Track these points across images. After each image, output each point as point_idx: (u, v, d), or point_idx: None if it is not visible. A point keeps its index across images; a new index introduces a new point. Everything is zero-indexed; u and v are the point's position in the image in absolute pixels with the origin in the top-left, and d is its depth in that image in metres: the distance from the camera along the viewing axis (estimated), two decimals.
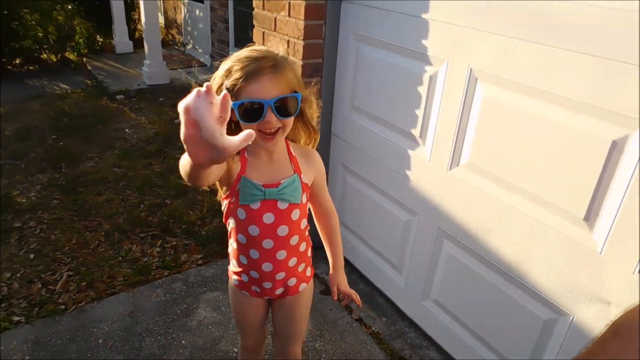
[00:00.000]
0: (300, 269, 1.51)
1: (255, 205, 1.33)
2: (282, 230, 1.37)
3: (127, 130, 4.78)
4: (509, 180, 1.71)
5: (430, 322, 2.26)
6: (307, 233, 1.48)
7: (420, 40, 1.95)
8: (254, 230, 1.36)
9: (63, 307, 2.48)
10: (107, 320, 2.40)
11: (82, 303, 2.51)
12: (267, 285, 1.48)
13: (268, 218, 1.35)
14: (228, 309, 2.47)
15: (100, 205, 3.40)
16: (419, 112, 2.03)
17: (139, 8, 7.87)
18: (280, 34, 2.51)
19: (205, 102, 0.74)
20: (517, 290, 1.78)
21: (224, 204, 1.39)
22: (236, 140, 0.77)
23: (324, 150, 2.68)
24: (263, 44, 2.70)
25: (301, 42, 2.37)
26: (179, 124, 0.78)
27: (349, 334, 2.34)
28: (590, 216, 1.50)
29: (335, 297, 1.61)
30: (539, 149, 1.59)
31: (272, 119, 1.19)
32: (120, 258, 2.86)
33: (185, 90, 0.82)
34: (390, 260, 2.43)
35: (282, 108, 1.19)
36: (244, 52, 1.22)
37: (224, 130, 0.76)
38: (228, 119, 0.77)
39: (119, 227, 3.15)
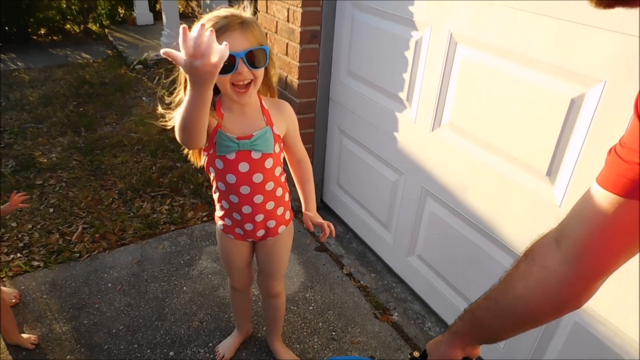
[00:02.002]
0: (279, 212, 1.66)
1: (231, 156, 1.48)
2: (257, 178, 1.52)
3: (144, 98, 4.97)
4: (483, 138, 1.82)
5: (415, 277, 2.40)
6: (283, 180, 1.62)
7: (407, 7, 2.04)
8: (231, 178, 1.51)
9: (78, 255, 2.69)
10: (116, 267, 2.60)
11: (95, 252, 2.72)
12: (249, 227, 1.64)
13: (243, 167, 1.50)
14: None
15: (116, 167, 3.61)
16: (406, 76, 2.13)
17: None
18: (282, 2, 2.62)
19: (199, 34, 0.99)
20: (489, 243, 1.90)
21: (204, 157, 1.55)
22: (220, 49, 1.01)
23: (323, 115, 2.81)
24: (266, 12, 2.82)
25: (300, 10, 2.47)
26: None
27: (338, 286, 2.50)
28: (551, 171, 1.60)
29: (312, 229, 1.74)
30: (509, 108, 1.68)
31: (243, 70, 1.32)
32: (131, 214, 3.06)
33: None
34: (380, 219, 2.56)
35: (252, 60, 1.32)
36: (214, 12, 1.35)
37: (216, 54, 1.02)
38: (214, 41, 1.00)
39: (132, 186, 3.35)
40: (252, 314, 2.19)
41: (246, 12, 1.39)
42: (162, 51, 1.00)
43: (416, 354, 1.06)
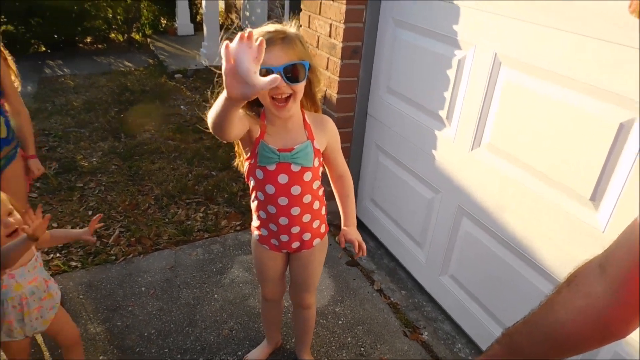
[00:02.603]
0: (314, 225, 1.67)
1: (271, 167, 1.51)
2: (295, 190, 1.54)
3: (182, 107, 5.08)
4: (523, 160, 1.79)
5: (447, 297, 2.36)
6: (320, 193, 1.64)
7: (451, 26, 2.04)
8: (270, 188, 1.54)
9: (114, 257, 2.76)
10: (150, 272, 2.65)
11: (130, 256, 2.78)
12: (284, 238, 1.66)
13: (282, 178, 1.52)
14: None
15: (153, 173, 3.69)
16: (447, 95, 2.13)
17: None
18: (324, 18, 2.66)
19: (246, 44, 0.94)
20: (525, 265, 1.87)
21: (246, 165, 1.58)
22: (264, 80, 0.96)
23: (360, 130, 2.82)
24: (308, 27, 2.86)
25: (342, 25, 2.51)
26: None
27: (368, 302, 2.48)
28: (596, 196, 1.56)
29: (343, 245, 1.70)
30: (552, 131, 1.66)
31: (281, 84, 1.33)
32: (167, 220, 3.12)
33: None
34: (414, 237, 2.54)
35: (290, 74, 1.34)
36: (262, 27, 1.38)
37: (257, 70, 0.96)
38: (262, 59, 0.96)
39: (168, 192, 3.42)
40: (281, 325, 2.19)
41: (292, 28, 1.41)
42: (221, 49, 0.97)
43: None
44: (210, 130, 1.28)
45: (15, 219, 1.46)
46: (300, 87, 1.40)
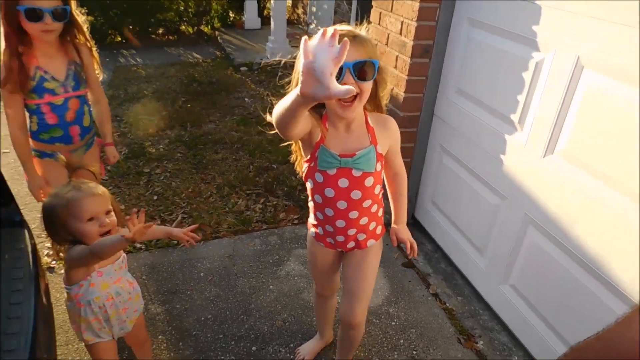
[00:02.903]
0: (371, 227, 1.64)
1: (332, 171, 1.48)
2: (356, 195, 1.51)
3: (246, 99, 5.18)
4: (601, 170, 1.70)
5: (506, 307, 2.28)
6: (380, 196, 1.60)
7: (531, 26, 1.96)
8: (329, 192, 1.52)
9: (175, 242, 2.85)
10: (209, 259, 2.72)
11: None
12: (340, 238, 1.64)
13: (343, 183, 1.49)
14: None
15: (216, 162, 3.79)
16: (521, 98, 2.04)
17: None
18: (396, 15, 2.62)
19: (328, 43, 0.92)
20: (596, 282, 1.77)
21: (304, 167, 1.55)
22: (340, 88, 0.94)
23: (424, 131, 2.76)
24: (378, 24, 2.84)
25: (414, 23, 2.46)
26: None
27: (423, 305, 2.44)
28: None
29: (395, 244, 1.69)
30: (638, 141, 1.56)
31: (349, 80, 1.29)
32: (227, 209, 3.20)
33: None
34: (474, 242, 2.47)
35: (359, 71, 1.30)
36: (329, 28, 1.35)
37: (335, 72, 0.94)
38: (341, 62, 0.93)
39: (230, 182, 3.49)
40: (334, 322, 2.19)
41: (362, 30, 1.38)
42: (303, 38, 0.95)
43: None
44: (274, 126, 1.25)
45: (111, 220, 1.48)
46: (368, 86, 1.36)
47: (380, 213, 1.67)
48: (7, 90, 1.85)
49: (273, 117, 1.22)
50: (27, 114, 2.00)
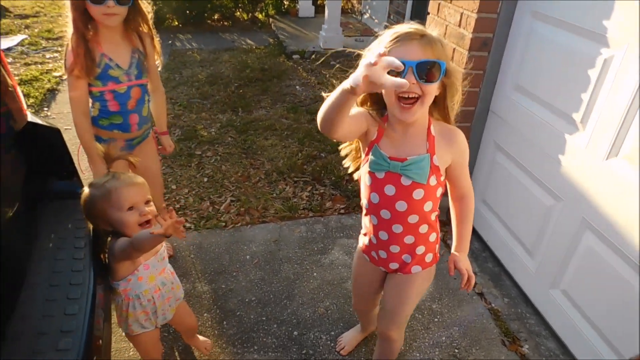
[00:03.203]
0: (418, 251, 1.53)
1: (380, 175, 1.41)
2: (401, 206, 1.41)
3: (297, 87, 5.21)
4: None
5: (555, 313, 2.21)
6: (433, 218, 1.49)
7: (601, 21, 1.87)
8: (374, 197, 1.45)
9: (223, 224, 2.92)
10: (255, 242, 2.77)
11: (238, 224, 2.93)
12: (383, 254, 1.56)
13: (389, 190, 1.41)
14: None
15: (265, 148, 3.84)
16: (585, 97, 1.96)
17: None
18: (455, 6, 2.56)
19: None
20: None
21: (362, 165, 1.49)
22: (392, 79, 0.95)
23: (479, 127, 2.70)
24: (437, 14, 2.78)
25: (474, 15, 2.39)
26: None
27: (468, 304, 2.40)
28: None
29: (452, 273, 1.50)
30: None
31: (411, 79, 1.20)
32: (274, 194, 3.24)
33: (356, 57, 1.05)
34: (525, 244, 2.40)
35: (423, 72, 1.21)
36: (399, 25, 1.29)
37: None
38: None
39: (278, 169, 3.54)
40: (375, 316, 2.18)
41: (433, 31, 1.29)
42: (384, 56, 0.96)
43: None
44: (319, 126, 1.21)
45: (150, 209, 1.50)
46: (432, 88, 1.26)
47: (433, 239, 1.55)
48: (73, 75, 1.86)
49: (318, 116, 1.18)
50: (93, 104, 2.02)
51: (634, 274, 1.78)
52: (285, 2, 8.50)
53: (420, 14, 5.63)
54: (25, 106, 1.63)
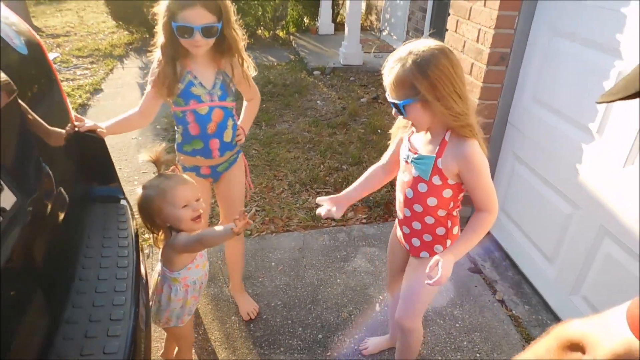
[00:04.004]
0: (425, 237, 1.63)
1: (403, 163, 1.62)
2: (409, 193, 1.58)
3: (318, 102, 5.34)
4: None
5: (575, 318, 2.25)
6: (440, 214, 1.57)
7: (614, 35, 1.95)
8: (397, 180, 1.67)
9: (249, 232, 3.02)
10: (280, 250, 2.87)
11: (263, 233, 3.03)
12: (400, 232, 1.74)
13: (405, 176, 1.60)
14: (381, 263, 2.76)
15: (288, 161, 3.95)
16: (601, 107, 2.03)
17: None
18: (473, 22, 2.66)
19: None
20: None
21: None
22: None
23: (497, 138, 2.77)
24: (455, 31, 2.88)
25: (492, 31, 2.49)
26: (365, 102, 1.09)
27: (489, 311, 2.45)
28: None
29: (427, 270, 1.42)
30: None
31: (396, 115, 1.50)
32: (298, 205, 3.34)
33: (375, 72, 1.14)
34: (544, 251, 2.46)
35: (397, 110, 1.47)
36: (399, 49, 1.43)
37: None
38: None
39: (301, 180, 3.64)
40: None
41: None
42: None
43: None
44: None
45: (201, 206, 1.60)
46: (410, 116, 1.45)
47: (442, 232, 1.62)
48: (153, 90, 1.90)
49: None
50: (177, 128, 2.02)
51: None
52: (306, 21, 8.71)
53: (438, 30, 5.74)
54: (73, 116, 1.76)
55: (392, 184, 1.77)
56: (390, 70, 1.40)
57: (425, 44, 1.38)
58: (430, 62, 1.35)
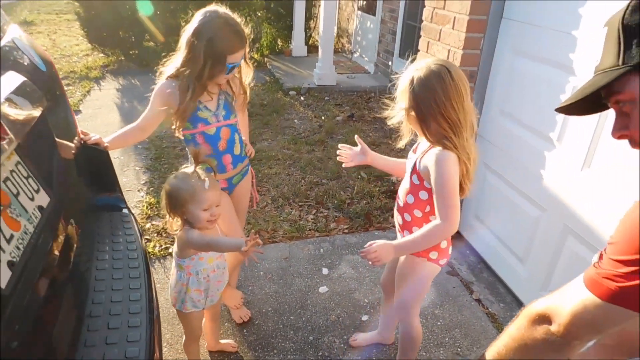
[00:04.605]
0: (405, 233, 1.81)
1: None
2: (401, 187, 1.82)
3: (296, 120, 5.52)
4: (636, 183, 1.89)
5: None
6: (416, 214, 1.74)
7: (568, 54, 2.19)
8: None
9: None
10: (268, 260, 2.99)
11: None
12: (396, 222, 1.92)
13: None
14: (365, 269, 2.92)
15: (270, 176, 4.09)
16: (559, 118, 2.26)
17: (316, 18, 8.80)
18: (443, 44, 2.89)
19: None
20: None
21: None
22: None
23: None
24: (427, 51, 3.11)
25: (460, 52, 2.72)
26: (340, 121, 1.30)
27: (467, 309, 2.63)
28: None
29: (362, 251, 1.67)
30: None
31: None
32: (282, 218, 3.48)
33: (349, 92, 1.32)
34: (516, 253, 2.66)
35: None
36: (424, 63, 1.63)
37: None
38: None
39: (283, 195, 3.78)
40: (394, 327, 2.36)
41: (424, 63, 1.58)
42: None
43: None
44: None
45: (218, 212, 1.73)
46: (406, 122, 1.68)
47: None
48: (161, 113, 1.98)
49: None
50: (188, 149, 2.07)
51: None
52: (279, 43, 8.95)
53: (410, 51, 6.02)
54: (79, 130, 1.87)
55: (378, 196, 1.94)
56: (402, 79, 1.62)
57: (427, 63, 1.56)
58: (421, 83, 1.54)
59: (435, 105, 1.54)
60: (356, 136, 2.03)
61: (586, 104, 0.97)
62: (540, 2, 2.36)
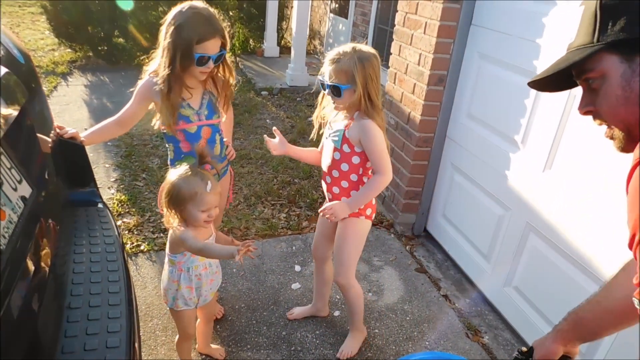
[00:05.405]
0: (343, 200, 2.01)
1: (324, 140, 2.10)
2: (328, 162, 2.04)
3: (268, 120, 5.55)
4: (596, 181, 2.01)
5: (509, 307, 2.56)
6: (354, 179, 2.01)
7: (532, 61, 2.31)
8: (322, 155, 2.12)
9: None
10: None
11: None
12: (327, 200, 2.14)
13: (326, 150, 2.06)
14: None
15: (243, 175, 4.12)
16: (523, 121, 2.38)
17: (289, 19, 8.85)
18: (415, 48, 2.99)
19: None
20: (587, 279, 2.06)
21: None
22: None
23: (437, 150, 3.09)
24: (398, 55, 3.20)
25: (431, 56, 2.82)
26: (312, 121, 1.40)
27: (434, 305, 2.72)
28: None
29: (321, 211, 2.00)
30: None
31: (329, 94, 1.94)
32: (254, 216, 3.51)
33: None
34: (481, 250, 2.77)
35: (331, 91, 1.93)
36: (344, 45, 1.91)
37: None
38: None
39: (256, 193, 3.81)
40: (327, 297, 2.54)
41: (364, 48, 1.85)
42: None
43: (524, 349, 1.30)
44: None
45: (215, 213, 1.74)
46: (342, 99, 1.88)
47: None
48: (141, 107, 2.01)
49: None
50: (168, 145, 2.12)
51: (569, 266, 2.15)
52: (252, 43, 8.94)
53: (381, 53, 6.13)
54: (55, 124, 1.87)
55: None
56: (336, 60, 1.84)
57: (365, 47, 1.87)
58: (369, 61, 1.82)
59: (376, 81, 1.87)
60: (274, 128, 2.20)
61: (557, 79, 1.00)
62: (507, 10, 2.48)
